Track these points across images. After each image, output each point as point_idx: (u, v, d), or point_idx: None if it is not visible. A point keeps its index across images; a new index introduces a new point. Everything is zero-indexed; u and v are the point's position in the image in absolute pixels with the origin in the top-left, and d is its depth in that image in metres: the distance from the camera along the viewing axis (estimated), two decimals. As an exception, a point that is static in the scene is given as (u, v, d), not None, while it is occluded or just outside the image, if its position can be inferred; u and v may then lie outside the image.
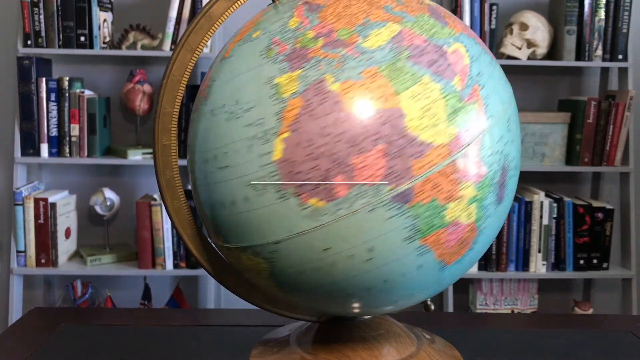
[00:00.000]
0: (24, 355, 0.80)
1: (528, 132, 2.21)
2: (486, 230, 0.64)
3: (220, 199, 0.63)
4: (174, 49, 0.72)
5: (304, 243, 0.60)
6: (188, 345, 0.84)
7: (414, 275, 0.62)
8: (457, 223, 0.61)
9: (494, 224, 0.65)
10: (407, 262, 0.61)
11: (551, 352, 0.83)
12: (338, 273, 0.61)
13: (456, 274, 0.66)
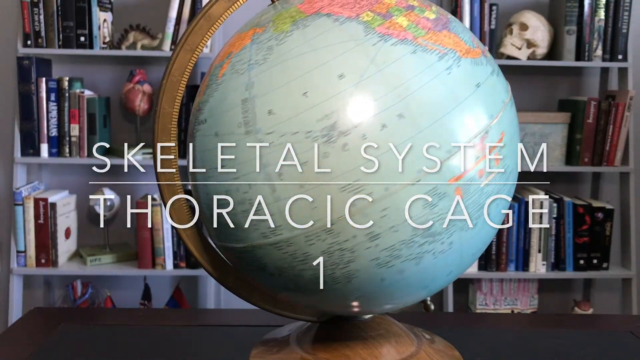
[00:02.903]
0: (24, 355, 0.80)
1: (528, 132, 2.21)
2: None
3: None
4: (173, 49, 0.72)
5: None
6: (188, 345, 0.84)
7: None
8: None
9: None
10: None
11: (551, 352, 0.83)
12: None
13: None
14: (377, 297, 0.64)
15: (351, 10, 0.64)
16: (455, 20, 0.70)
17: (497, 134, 0.65)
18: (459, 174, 0.61)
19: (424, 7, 0.68)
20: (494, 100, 0.66)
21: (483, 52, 0.69)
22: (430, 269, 0.63)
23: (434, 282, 0.66)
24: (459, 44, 0.66)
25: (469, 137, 0.62)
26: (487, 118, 0.64)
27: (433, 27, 0.66)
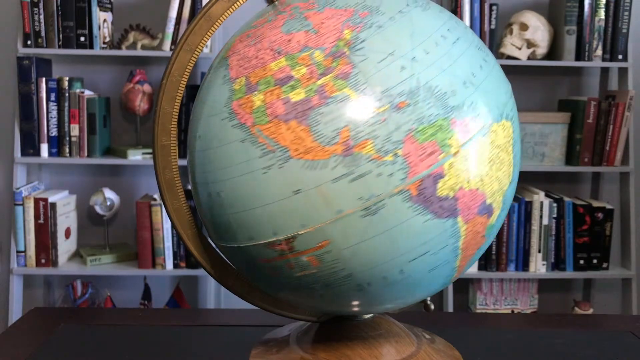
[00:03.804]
0: (24, 355, 0.80)
1: (528, 132, 2.21)
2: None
3: (466, 71, 0.64)
4: (173, 49, 0.72)
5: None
6: (188, 345, 0.84)
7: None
8: None
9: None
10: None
11: (551, 352, 0.83)
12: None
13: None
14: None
15: (239, 69, 0.64)
16: (344, 99, 0.59)
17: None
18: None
19: (304, 81, 0.60)
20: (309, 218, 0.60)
21: (346, 149, 0.58)
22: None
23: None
24: (302, 140, 0.59)
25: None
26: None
27: (283, 114, 0.59)
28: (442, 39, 0.63)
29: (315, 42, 0.61)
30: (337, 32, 0.61)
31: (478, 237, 0.64)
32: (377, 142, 0.58)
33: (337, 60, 0.60)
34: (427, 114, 0.59)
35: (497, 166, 0.63)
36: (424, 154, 0.58)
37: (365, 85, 0.59)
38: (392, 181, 0.58)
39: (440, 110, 0.59)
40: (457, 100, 0.60)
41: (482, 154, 0.61)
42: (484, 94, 0.63)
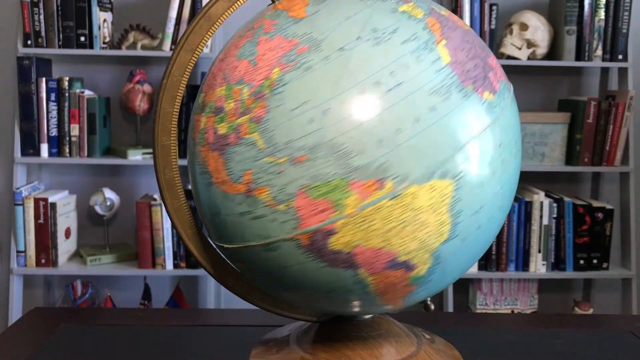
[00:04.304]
0: (24, 355, 0.80)
1: (528, 132, 2.21)
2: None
3: (396, 124, 0.58)
4: (173, 49, 0.72)
5: (487, 140, 0.62)
6: (188, 345, 0.84)
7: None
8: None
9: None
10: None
11: (551, 352, 0.83)
12: (506, 172, 0.65)
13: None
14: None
15: (205, 83, 0.67)
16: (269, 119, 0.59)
17: None
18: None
19: (230, 115, 0.61)
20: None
21: (248, 190, 0.60)
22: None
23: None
24: (219, 171, 0.62)
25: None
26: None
27: (212, 143, 0.63)
28: (374, 86, 0.58)
29: (250, 76, 0.61)
30: (269, 68, 0.61)
31: (399, 286, 0.62)
32: (272, 190, 0.59)
33: (257, 101, 0.60)
34: (323, 172, 0.57)
35: (414, 227, 0.59)
36: (315, 210, 0.58)
37: (273, 133, 0.59)
38: (285, 228, 0.59)
39: (339, 169, 0.57)
40: (363, 161, 0.57)
41: (388, 216, 0.58)
42: (410, 152, 0.57)
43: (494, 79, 0.64)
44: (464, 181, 0.60)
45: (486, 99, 0.62)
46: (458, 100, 0.60)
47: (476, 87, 0.61)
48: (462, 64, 0.61)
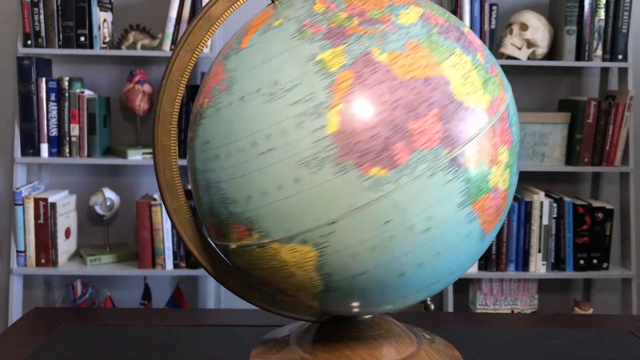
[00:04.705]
0: (24, 355, 0.80)
1: (528, 132, 2.21)
2: (509, 200, 0.67)
3: (262, 186, 0.60)
4: (173, 49, 0.72)
5: (364, 218, 0.58)
6: (188, 345, 0.84)
7: (461, 246, 0.63)
8: (496, 189, 0.63)
9: (513, 193, 0.68)
10: (459, 231, 0.61)
11: (551, 352, 0.83)
12: (395, 248, 0.60)
13: (487, 245, 0.68)
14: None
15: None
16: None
17: None
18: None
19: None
20: None
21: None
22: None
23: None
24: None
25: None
26: None
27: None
28: (251, 146, 0.60)
29: (200, 95, 0.68)
30: (204, 96, 0.67)
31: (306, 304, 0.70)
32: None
33: (193, 123, 0.68)
34: (216, 207, 0.65)
35: (286, 274, 0.63)
36: (218, 232, 0.69)
37: (195, 155, 0.68)
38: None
39: (223, 210, 0.64)
40: (236, 209, 0.62)
41: (261, 259, 0.64)
42: (272, 214, 0.60)
43: (403, 148, 0.57)
44: (330, 250, 0.59)
45: (373, 175, 0.57)
46: (329, 175, 0.57)
47: (361, 161, 0.57)
48: (352, 135, 0.57)
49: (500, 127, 0.63)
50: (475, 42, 0.66)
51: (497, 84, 0.65)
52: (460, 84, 0.61)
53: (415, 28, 0.62)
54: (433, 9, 0.66)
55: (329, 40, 0.60)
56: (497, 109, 0.63)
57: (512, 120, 0.66)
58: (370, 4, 0.63)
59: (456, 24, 0.66)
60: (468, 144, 0.60)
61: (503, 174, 0.63)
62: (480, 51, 0.66)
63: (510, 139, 0.64)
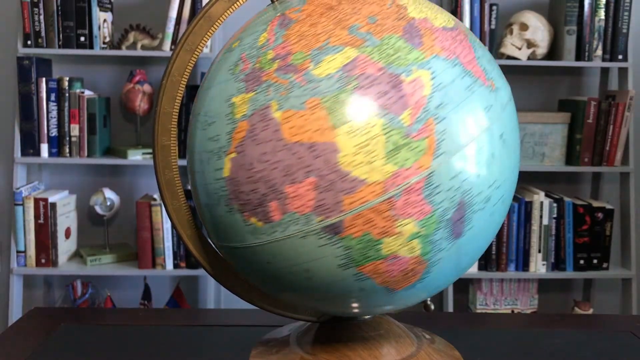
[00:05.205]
0: (24, 355, 0.80)
1: (528, 132, 2.21)
2: (442, 263, 0.62)
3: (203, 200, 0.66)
4: (173, 49, 0.72)
5: (252, 253, 0.63)
6: (188, 345, 0.84)
7: (359, 295, 0.63)
8: (396, 256, 0.60)
9: (451, 257, 0.62)
10: (347, 285, 0.62)
11: (551, 352, 0.83)
12: (284, 284, 0.64)
13: (414, 296, 0.65)
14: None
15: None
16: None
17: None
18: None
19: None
20: None
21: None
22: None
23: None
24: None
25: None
26: None
27: None
28: (199, 162, 0.65)
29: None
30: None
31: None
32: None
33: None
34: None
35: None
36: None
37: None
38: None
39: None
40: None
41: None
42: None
43: (277, 208, 0.59)
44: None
45: (253, 223, 0.61)
46: (223, 212, 0.63)
47: (243, 209, 0.61)
48: (238, 183, 0.60)
49: (404, 199, 0.57)
50: (414, 94, 0.58)
51: (419, 149, 0.57)
52: (352, 153, 0.57)
53: (327, 82, 0.58)
54: (377, 51, 0.59)
55: (245, 84, 0.61)
56: (402, 180, 0.57)
57: (449, 184, 0.58)
58: (302, 43, 0.60)
59: (397, 71, 0.58)
60: (347, 215, 0.58)
61: (408, 244, 0.59)
62: (414, 107, 0.58)
63: (429, 209, 0.58)
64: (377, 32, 0.60)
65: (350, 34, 0.60)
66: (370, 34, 0.60)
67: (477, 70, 0.63)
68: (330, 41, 0.60)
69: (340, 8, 0.62)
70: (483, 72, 0.63)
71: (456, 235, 0.61)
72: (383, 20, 0.61)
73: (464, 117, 0.60)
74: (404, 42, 0.60)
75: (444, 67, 0.60)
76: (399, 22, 0.62)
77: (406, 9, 0.63)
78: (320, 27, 0.61)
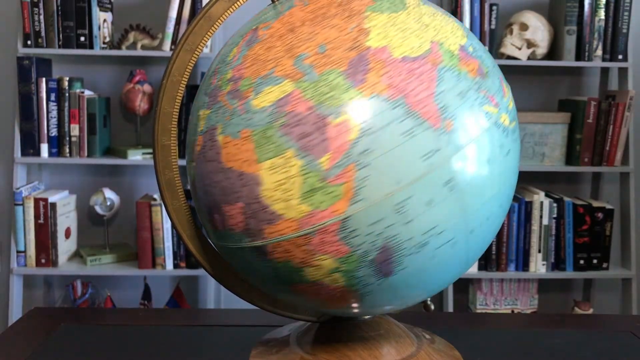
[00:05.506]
0: (24, 355, 0.80)
1: (528, 132, 2.21)
2: (375, 294, 0.62)
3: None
4: (173, 49, 0.72)
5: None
6: (188, 345, 0.84)
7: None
8: (321, 283, 0.62)
9: (387, 289, 0.62)
10: (286, 296, 0.68)
11: (551, 352, 0.83)
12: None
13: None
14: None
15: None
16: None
17: None
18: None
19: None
20: None
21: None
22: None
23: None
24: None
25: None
26: None
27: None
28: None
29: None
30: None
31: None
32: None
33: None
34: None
35: None
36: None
37: None
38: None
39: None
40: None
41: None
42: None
43: (220, 221, 0.64)
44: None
45: (209, 229, 0.68)
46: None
47: (208, 212, 0.66)
48: (194, 193, 0.68)
49: (320, 238, 0.58)
50: (338, 139, 0.56)
51: (334, 194, 0.57)
52: (272, 188, 0.58)
53: (260, 115, 0.58)
54: (311, 88, 0.58)
55: (207, 99, 0.64)
56: (317, 220, 0.57)
57: (368, 229, 0.57)
58: (253, 68, 0.61)
59: (325, 112, 0.57)
60: (269, 242, 0.61)
61: (330, 276, 0.60)
62: (335, 152, 0.56)
63: (346, 249, 0.58)
64: (320, 66, 0.58)
65: (294, 65, 0.59)
66: (312, 68, 0.58)
67: (429, 110, 0.57)
68: (275, 70, 0.60)
69: (300, 31, 0.61)
70: (438, 111, 0.58)
71: (385, 274, 0.61)
72: (332, 51, 0.59)
73: (393, 164, 0.56)
74: (343, 79, 0.58)
75: (381, 109, 0.57)
76: (349, 52, 0.58)
77: (367, 34, 0.59)
78: (273, 53, 0.61)
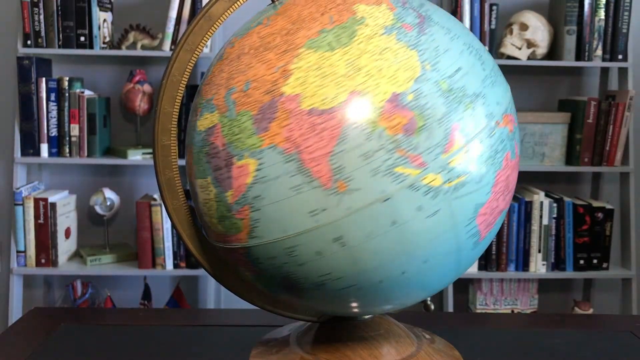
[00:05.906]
0: (24, 355, 0.80)
1: (528, 132, 2.21)
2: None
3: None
4: (173, 49, 0.72)
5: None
6: (188, 345, 0.84)
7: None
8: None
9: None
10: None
11: (551, 352, 0.83)
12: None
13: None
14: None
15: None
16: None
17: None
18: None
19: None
20: None
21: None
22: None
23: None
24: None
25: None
26: None
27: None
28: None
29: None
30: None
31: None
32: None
33: None
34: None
35: None
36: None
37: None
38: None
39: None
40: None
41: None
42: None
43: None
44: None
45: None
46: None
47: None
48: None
49: (235, 257, 0.65)
50: (239, 179, 0.59)
51: (237, 226, 0.61)
52: (203, 204, 0.65)
53: (197, 137, 0.64)
54: (228, 125, 0.60)
55: (202, 88, 0.67)
56: (230, 242, 0.64)
57: (264, 262, 0.62)
58: (209, 87, 0.65)
59: (233, 152, 0.59)
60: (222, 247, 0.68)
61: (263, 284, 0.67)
62: (235, 191, 0.60)
63: (256, 270, 0.64)
64: (240, 104, 0.60)
65: (224, 98, 0.62)
66: (234, 105, 0.61)
67: (321, 170, 0.57)
68: (214, 98, 0.63)
69: (242, 60, 0.63)
70: (330, 171, 0.56)
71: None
72: (253, 91, 0.60)
73: (281, 215, 0.59)
74: (251, 124, 0.59)
75: (275, 161, 0.58)
76: (264, 96, 0.59)
77: (288, 78, 0.58)
78: (222, 76, 0.64)
